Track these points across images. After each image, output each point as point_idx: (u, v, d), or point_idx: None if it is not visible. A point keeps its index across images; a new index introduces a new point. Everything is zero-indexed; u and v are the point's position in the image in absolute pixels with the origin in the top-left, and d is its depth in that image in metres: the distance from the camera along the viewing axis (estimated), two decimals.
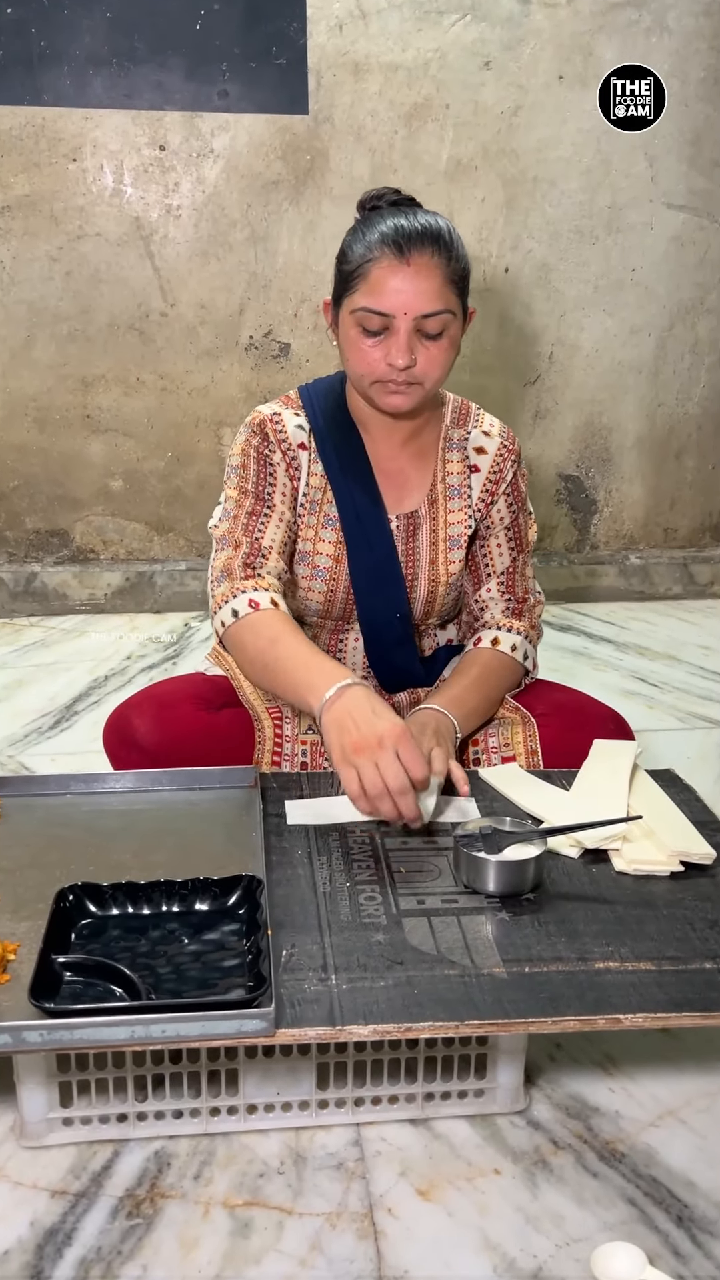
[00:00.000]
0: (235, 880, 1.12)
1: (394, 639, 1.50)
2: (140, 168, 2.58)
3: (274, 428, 1.43)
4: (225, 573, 1.38)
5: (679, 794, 1.36)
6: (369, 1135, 1.05)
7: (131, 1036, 0.93)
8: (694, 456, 3.01)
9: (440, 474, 1.48)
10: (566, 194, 2.72)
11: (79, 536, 2.84)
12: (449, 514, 1.48)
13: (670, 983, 1.02)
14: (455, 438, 1.48)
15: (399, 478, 1.47)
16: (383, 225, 1.28)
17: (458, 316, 1.32)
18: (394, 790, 1.14)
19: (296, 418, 1.44)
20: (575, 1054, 1.17)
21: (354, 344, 1.32)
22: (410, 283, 1.27)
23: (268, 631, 1.31)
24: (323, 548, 1.45)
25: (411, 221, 1.28)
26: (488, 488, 1.48)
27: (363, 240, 1.29)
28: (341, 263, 1.33)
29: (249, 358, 2.74)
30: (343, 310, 1.33)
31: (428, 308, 1.28)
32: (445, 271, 1.29)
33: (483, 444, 1.48)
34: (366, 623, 1.49)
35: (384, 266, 1.27)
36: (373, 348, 1.31)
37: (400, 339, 1.28)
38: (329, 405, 1.46)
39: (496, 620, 1.51)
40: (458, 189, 2.68)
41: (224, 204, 2.62)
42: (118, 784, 1.37)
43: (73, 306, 2.65)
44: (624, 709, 1.53)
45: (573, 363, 2.87)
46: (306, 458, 1.44)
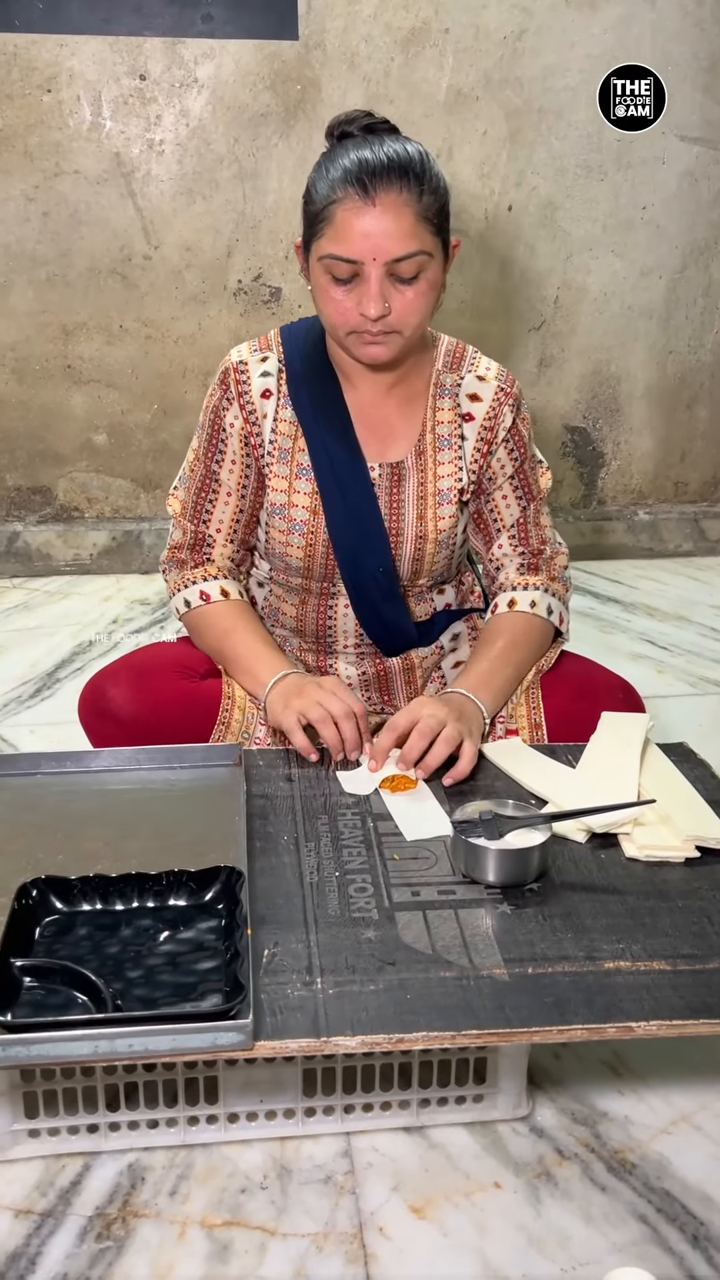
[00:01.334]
0: (214, 873, 1.04)
1: (380, 595, 1.41)
2: (120, 99, 2.43)
3: (236, 378, 1.35)
4: (175, 562, 1.43)
5: (693, 770, 1.28)
6: (359, 1145, 0.99)
7: (95, 1052, 0.85)
8: (706, 406, 2.90)
9: (430, 423, 1.37)
10: (574, 126, 2.58)
11: (62, 494, 2.74)
12: (439, 465, 1.37)
13: (686, 985, 0.94)
14: (447, 383, 1.37)
15: (382, 427, 1.37)
16: (345, 159, 1.17)
17: (435, 256, 1.21)
18: (336, 714, 1.24)
19: (264, 363, 1.35)
20: (581, 1053, 1.10)
21: (324, 293, 1.22)
22: (378, 224, 1.16)
23: (219, 624, 1.38)
24: (299, 499, 1.36)
25: (376, 153, 1.17)
26: (483, 436, 1.37)
27: (326, 178, 1.19)
28: (307, 203, 1.23)
29: (238, 303, 2.62)
30: (311, 257, 1.23)
31: (398, 250, 1.17)
32: (417, 208, 1.17)
33: (477, 390, 1.37)
34: (349, 579, 1.40)
35: (348, 208, 1.16)
36: (344, 296, 1.20)
37: (371, 287, 1.18)
38: (307, 348, 1.36)
39: (511, 580, 1.42)
40: (457, 121, 2.53)
41: (209, 138, 2.49)
42: (92, 763, 1.29)
43: (51, 249, 2.52)
44: (632, 674, 1.45)
45: (579, 307, 2.74)
46: (272, 405, 1.35)
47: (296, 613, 1.45)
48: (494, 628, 1.40)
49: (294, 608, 1.45)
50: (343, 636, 1.44)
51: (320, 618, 1.44)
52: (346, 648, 1.45)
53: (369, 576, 1.39)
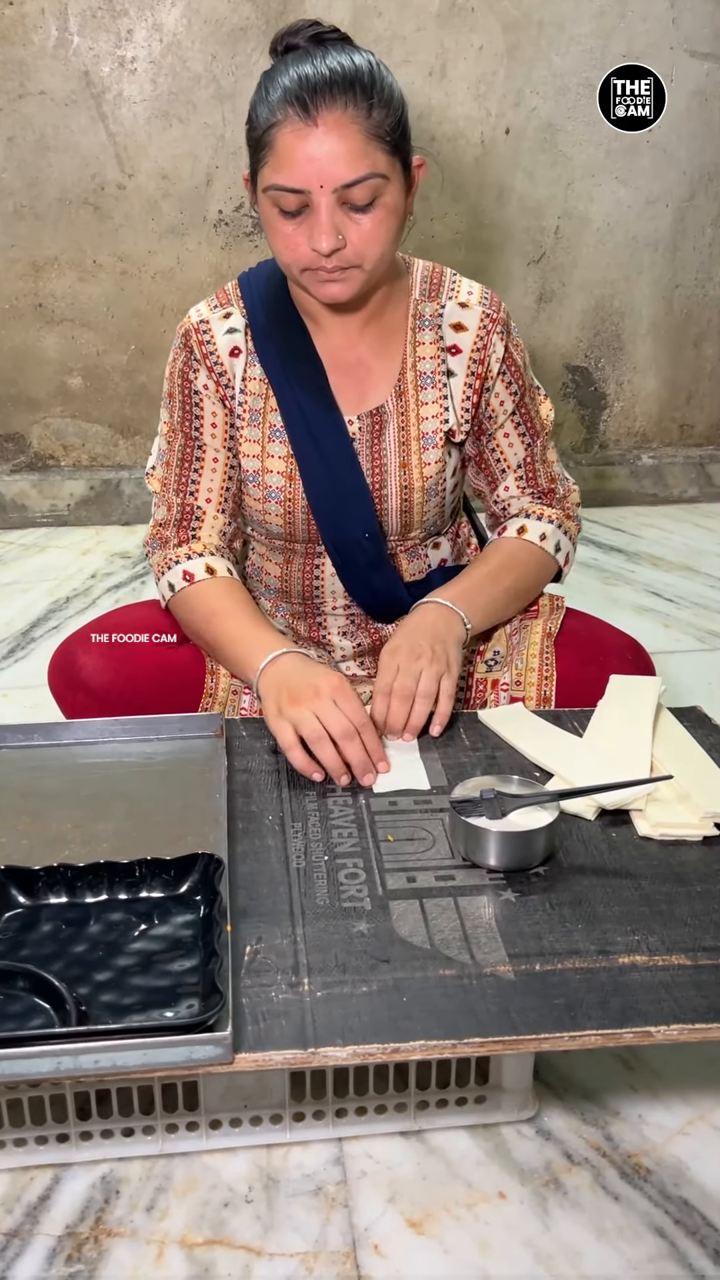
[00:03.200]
0: (191, 861, 0.96)
1: (366, 561, 1.31)
2: (88, 12, 2.27)
3: (199, 339, 1.24)
4: (159, 541, 1.31)
5: (708, 737, 1.20)
6: (353, 1152, 0.92)
7: (57, 1069, 0.78)
8: (714, 344, 2.78)
9: (410, 359, 1.25)
10: (576, 40, 2.42)
11: (36, 441, 2.62)
12: (421, 407, 1.26)
13: (709, 982, 0.87)
14: (427, 313, 1.25)
15: (358, 371, 1.26)
16: (284, 78, 1.05)
17: (393, 178, 1.09)
18: (337, 734, 1.09)
19: (227, 320, 1.24)
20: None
21: (274, 228, 1.10)
22: (322, 147, 1.04)
23: (202, 607, 1.24)
24: (273, 464, 1.26)
25: (318, 67, 1.04)
26: (473, 370, 1.25)
27: (265, 99, 1.07)
28: (249, 129, 1.10)
29: (218, 235, 2.48)
30: (258, 187, 1.11)
31: (348, 175, 1.05)
32: (365, 124, 1.05)
33: (460, 318, 1.25)
34: (333, 546, 1.30)
35: (289, 131, 1.04)
36: (294, 230, 1.08)
37: (321, 218, 1.06)
38: (269, 295, 1.24)
39: (525, 507, 1.33)
40: (452, 35, 2.37)
41: (185, 55, 2.32)
42: (62, 736, 1.21)
43: (17, 179, 2.37)
44: (637, 628, 1.37)
45: (581, 238, 2.61)
46: (241, 363, 1.24)
47: (281, 573, 1.35)
48: (494, 547, 1.32)
49: (278, 567, 1.35)
50: (331, 598, 1.34)
51: (306, 578, 1.34)
52: (336, 609, 1.35)
53: (353, 543, 1.29)
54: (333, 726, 1.08)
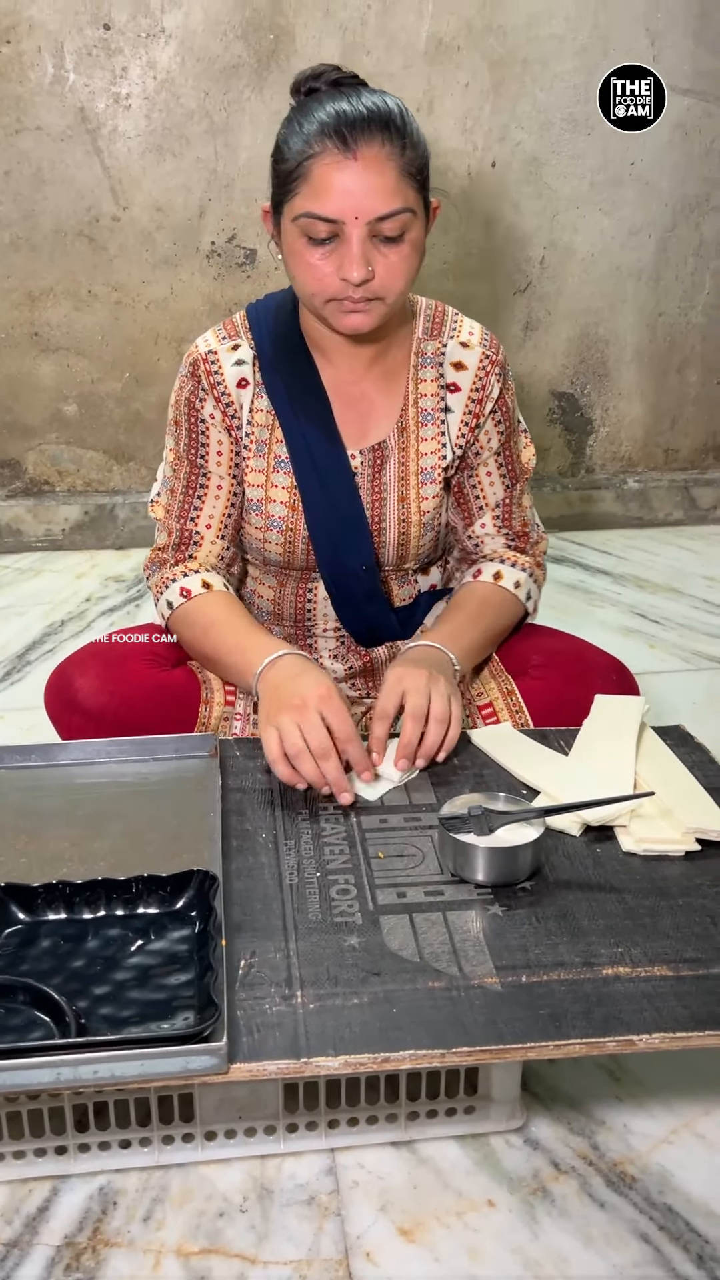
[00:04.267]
0: (186, 878, 0.98)
1: (362, 593, 1.34)
2: (83, 50, 2.31)
3: (207, 370, 1.26)
4: (157, 563, 1.34)
5: (690, 755, 1.23)
6: (345, 1162, 0.94)
7: (58, 1079, 0.80)
8: (697, 370, 2.82)
9: (412, 396, 1.29)
10: (559, 77, 2.47)
11: (32, 467, 2.64)
12: (421, 443, 1.29)
13: (690, 993, 0.89)
14: (429, 351, 1.29)
15: (362, 405, 1.29)
16: (321, 112, 1.09)
17: (419, 215, 1.13)
18: (315, 751, 1.08)
19: (235, 351, 1.26)
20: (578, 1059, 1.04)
21: (300, 257, 1.13)
22: (359, 180, 1.07)
23: (201, 619, 1.26)
24: (276, 494, 1.28)
25: (355, 105, 1.08)
26: (471, 409, 1.29)
27: (299, 132, 1.10)
28: (277, 161, 1.14)
29: (211, 266, 2.51)
30: (284, 218, 1.14)
31: (382, 208, 1.09)
32: (400, 163, 1.09)
33: (461, 357, 1.28)
34: (330, 576, 1.32)
35: (327, 163, 1.08)
36: (322, 260, 1.12)
37: (353, 248, 1.09)
38: (278, 327, 1.27)
39: (499, 553, 1.35)
40: (438, 72, 2.42)
41: (178, 92, 2.37)
42: (58, 756, 1.22)
43: (14, 211, 2.41)
44: (623, 648, 1.39)
45: (566, 268, 2.65)
46: (249, 395, 1.26)
47: (274, 596, 1.38)
48: (470, 591, 1.34)
49: (271, 590, 1.38)
50: (322, 621, 1.37)
51: (299, 602, 1.37)
52: (326, 632, 1.38)
53: (350, 574, 1.32)
54: (312, 742, 1.08)
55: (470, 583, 1.35)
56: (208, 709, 1.30)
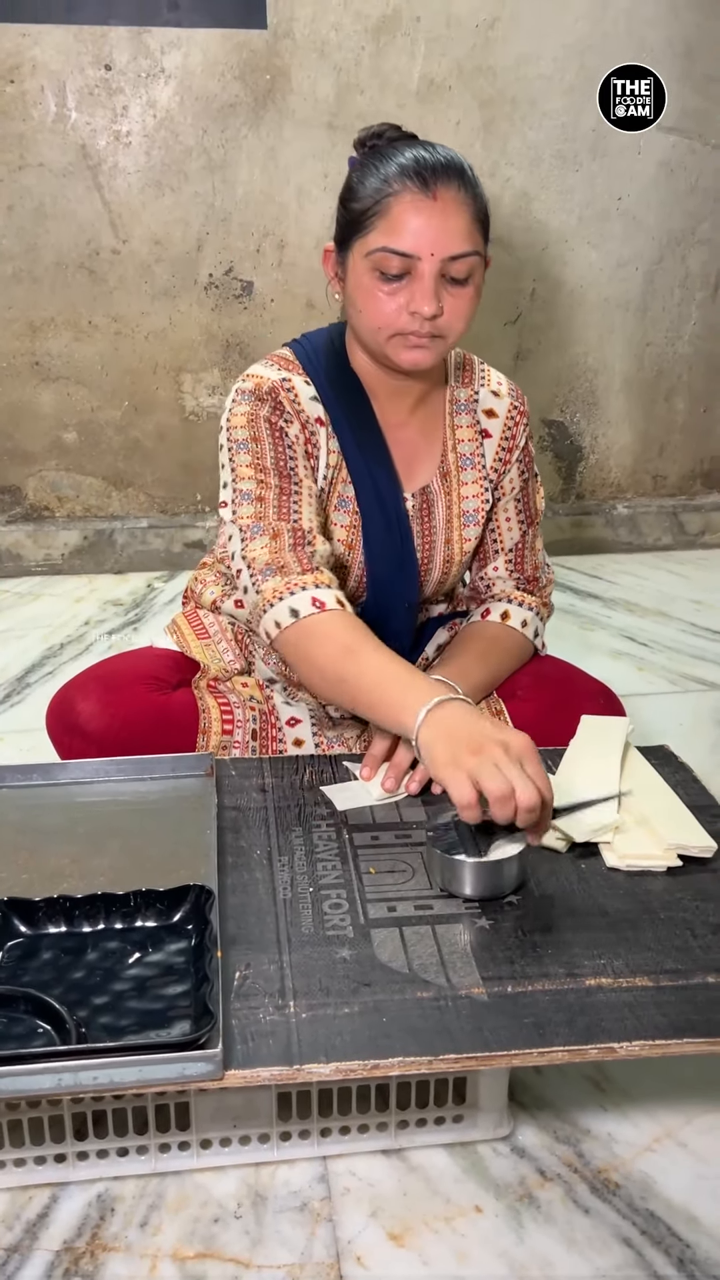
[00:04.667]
0: (183, 892, 1.00)
1: (396, 629, 1.37)
2: (85, 90, 2.38)
3: (288, 397, 1.24)
4: (276, 566, 1.18)
5: (674, 774, 1.26)
6: (336, 1169, 0.96)
7: (59, 1085, 0.82)
8: (685, 398, 2.87)
9: (450, 441, 1.33)
10: (548, 115, 2.54)
11: (32, 493, 2.68)
12: (463, 486, 1.34)
13: (670, 1002, 0.92)
14: (462, 398, 1.34)
15: (409, 448, 1.32)
16: (400, 157, 1.14)
17: (482, 261, 1.18)
18: (523, 806, 0.96)
19: (309, 386, 1.26)
20: (564, 1068, 1.07)
21: (369, 292, 1.16)
22: (438, 220, 1.12)
23: (341, 639, 1.14)
24: (336, 532, 1.30)
25: (433, 154, 1.14)
26: (501, 455, 1.35)
27: (377, 174, 1.14)
28: (350, 200, 1.18)
29: (209, 297, 2.57)
30: (353, 254, 1.17)
31: (457, 248, 1.14)
32: (472, 209, 1.15)
33: (492, 405, 1.34)
34: (373, 610, 1.34)
35: (406, 201, 1.12)
36: (391, 295, 1.16)
37: (426, 283, 1.14)
38: (331, 367, 1.29)
39: (507, 593, 1.40)
40: (430, 111, 2.49)
41: (177, 129, 2.43)
42: (59, 775, 1.25)
43: (16, 244, 2.46)
44: (612, 671, 1.42)
45: (556, 299, 2.71)
46: (324, 434, 1.27)
47: None
48: (479, 630, 1.38)
49: None
50: None
51: None
52: None
53: (392, 611, 1.35)
54: (522, 794, 0.97)
55: (479, 622, 1.39)
56: (205, 739, 1.32)
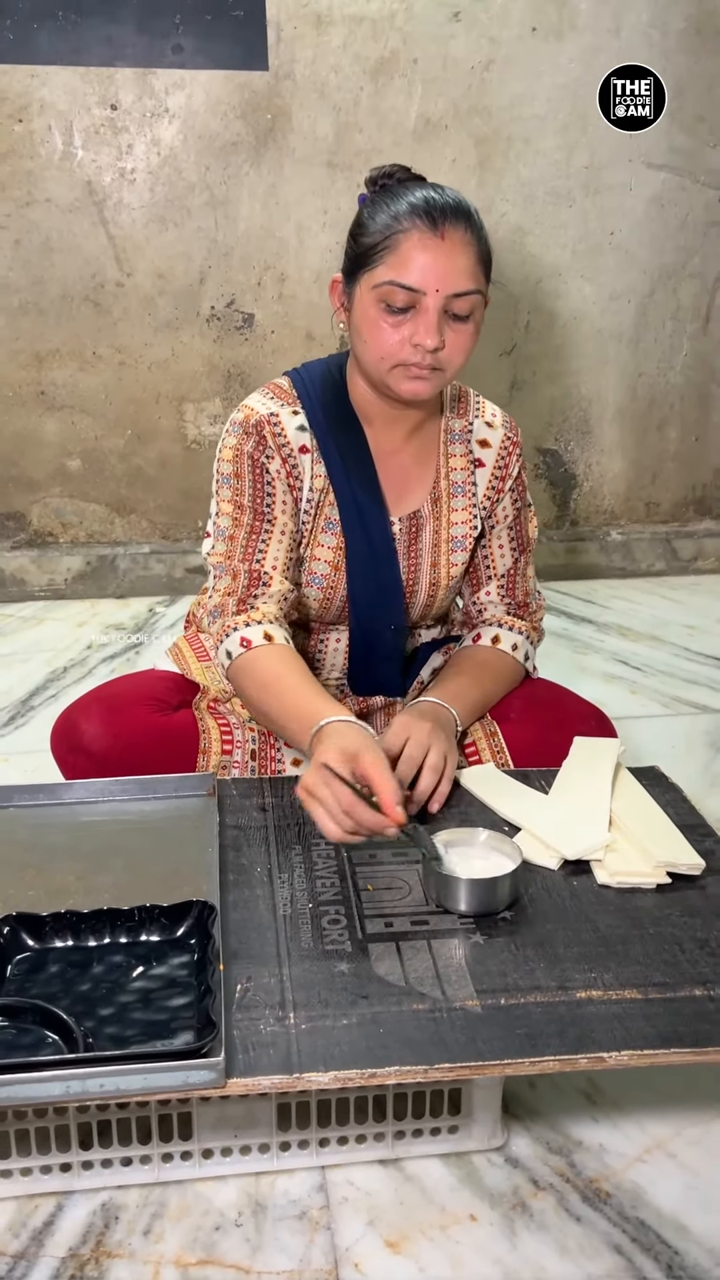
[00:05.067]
0: (185, 908, 1.03)
1: (383, 653, 1.40)
2: (91, 129, 2.44)
3: (272, 431, 1.30)
4: (220, 610, 1.28)
5: (664, 794, 1.29)
6: (334, 1179, 0.99)
7: (66, 1092, 0.85)
8: (676, 427, 2.92)
9: (443, 469, 1.38)
10: (542, 153, 2.61)
11: (36, 519, 2.72)
12: (453, 513, 1.38)
13: (658, 1014, 0.94)
14: (457, 428, 1.38)
15: (401, 475, 1.37)
16: (411, 196, 1.19)
17: (483, 300, 1.23)
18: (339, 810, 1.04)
19: (296, 416, 1.31)
20: (557, 1081, 1.10)
21: (374, 323, 1.21)
22: (445, 258, 1.17)
23: (259, 675, 1.23)
24: (321, 554, 1.34)
25: (443, 195, 1.19)
26: (494, 484, 1.39)
27: (387, 210, 1.19)
28: (359, 235, 1.22)
29: (211, 329, 2.62)
30: (360, 286, 1.22)
31: (461, 286, 1.18)
32: (477, 249, 1.20)
33: (486, 436, 1.38)
34: (359, 632, 1.39)
35: (415, 239, 1.17)
36: (395, 327, 1.20)
37: (430, 318, 1.18)
38: (327, 396, 1.34)
39: (498, 618, 1.43)
40: (427, 149, 2.56)
41: (181, 167, 2.50)
42: (64, 795, 1.28)
43: (23, 277, 2.52)
44: (606, 694, 1.46)
45: (550, 331, 2.77)
46: (309, 460, 1.32)
47: None
48: (470, 654, 1.41)
49: None
50: (329, 668, 1.43)
51: (311, 648, 1.43)
52: (329, 679, 1.44)
53: (378, 634, 1.39)
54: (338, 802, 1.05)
55: (470, 646, 1.42)
56: (205, 759, 1.35)
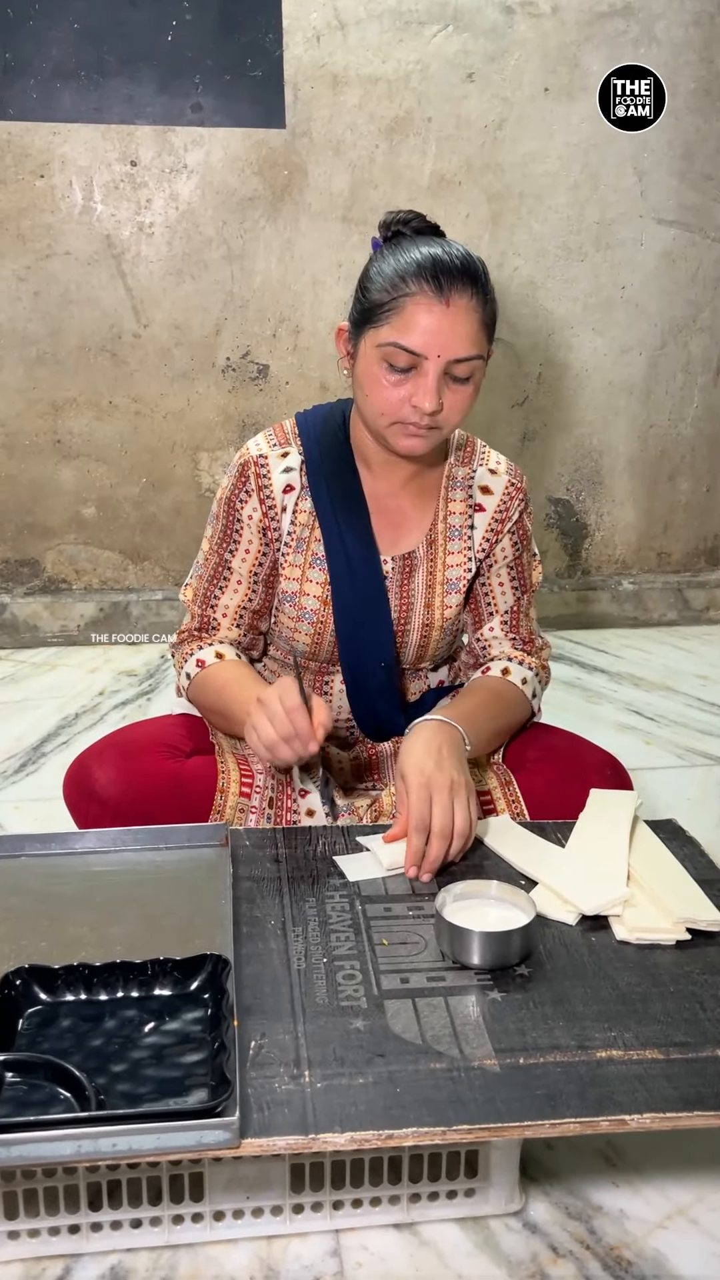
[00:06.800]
0: (199, 961, 1.02)
1: (376, 689, 1.41)
2: (111, 184, 2.49)
3: (256, 472, 1.35)
4: (179, 642, 1.44)
5: (682, 848, 1.27)
6: (349, 1243, 0.96)
7: (78, 1152, 0.83)
8: (688, 479, 2.94)
9: (441, 513, 1.39)
10: (554, 209, 2.65)
11: (50, 566, 2.74)
12: (448, 555, 1.39)
13: (680, 1075, 0.92)
14: (460, 476, 1.40)
15: (397, 516, 1.38)
16: (417, 253, 1.19)
17: (485, 360, 1.24)
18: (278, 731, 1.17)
19: (284, 459, 1.35)
20: (575, 1143, 1.07)
21: (375, 380, 1.23)
22: (448, 324, 1.18)
23: (213, 683, 1.36)
24: (310, 589, 1.37)
25: (450, 256, 1.19)
26: (493, 527, 1.40)
27: (395, 267, 1.20)
28: (366, 288, 1.24)
29: (226, 380, 2.66)
30: (365, 342, 1.24)
31: (462, 351, 1.20)
32: (481, 314, 1.21)
33: (489, 483, 1.40)
34: (349, 669, 1.40)
35: (420, 302, 1.18)
36: (395, 386, 1.22)
37: (430, 382, 1.20)
38: (327, 437, 1.37)
39: (506, 652, 1.43)
40: (441, 205, 2.60)
41: (198, 221, 2.54)
42: (76, 844, 1.27)
43: (41, 328, 2.56)
44: (619, 744, 1.45)
45: (562, 383, 2.79)
46: (293, 499, 1.35)
47: None
48: (480, 683, 1.40)
49: None
50: (337, 711, 1.44)
51: (316, 691, 1.44)
52: (337, 723, 1.44)
53: (369, 671, 1.39)
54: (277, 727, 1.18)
55: (480, 676, 1.41)
56: (223, 797, 1.35)
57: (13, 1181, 0.90)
